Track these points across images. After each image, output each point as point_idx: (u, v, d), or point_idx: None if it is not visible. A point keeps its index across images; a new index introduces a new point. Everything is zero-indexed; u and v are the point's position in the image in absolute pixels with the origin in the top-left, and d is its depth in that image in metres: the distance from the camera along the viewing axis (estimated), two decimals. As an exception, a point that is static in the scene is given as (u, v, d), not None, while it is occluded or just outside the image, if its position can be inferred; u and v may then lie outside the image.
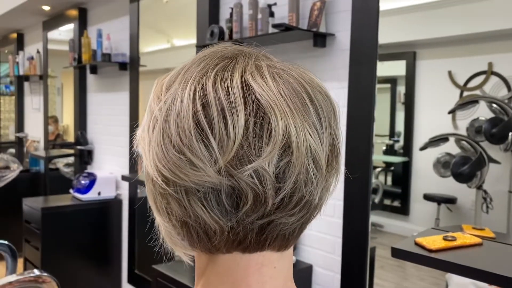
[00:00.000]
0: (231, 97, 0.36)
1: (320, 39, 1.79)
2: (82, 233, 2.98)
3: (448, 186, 1.70)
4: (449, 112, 1.64)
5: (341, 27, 1.77)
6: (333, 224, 1.81)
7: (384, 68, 1.85)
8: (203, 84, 0.37)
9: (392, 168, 1.99)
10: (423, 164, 1.80)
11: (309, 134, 0.37)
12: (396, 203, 1.97)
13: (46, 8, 3.82)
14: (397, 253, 1.28)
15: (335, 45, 1.79)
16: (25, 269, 3.11)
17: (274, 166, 0.36)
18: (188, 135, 0.36)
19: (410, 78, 1.84)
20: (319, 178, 0.38)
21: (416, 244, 1.29)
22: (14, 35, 4.98)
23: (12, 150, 5.10)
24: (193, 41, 2.92)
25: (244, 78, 0.37)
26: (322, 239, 1.86)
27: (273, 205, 0.37)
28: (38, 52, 4.30)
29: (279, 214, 0.38)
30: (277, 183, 0.36)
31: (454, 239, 1.25)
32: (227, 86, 0.37)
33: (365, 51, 1.62)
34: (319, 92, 0.40)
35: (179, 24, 3.00)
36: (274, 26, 1.72)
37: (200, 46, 2.23)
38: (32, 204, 3.00)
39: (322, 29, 1.77)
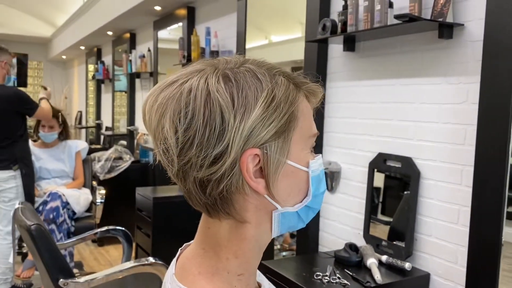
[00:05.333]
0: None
1: (447, 30, 1.64)
2: (190, 223, 3.09)
3: None
4: None
5: (472, 16, 1.61)
6: (456, 231, 1.66)
7: None
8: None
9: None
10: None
11: (167, 125, 0.50)
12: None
13: (158, 8, 4.04)
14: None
15: (464, 36, 1.63)
16: (136, 254, 3.33)
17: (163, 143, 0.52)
18: None
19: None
20: (169, 157, 0.51)
21: None
22: (127, 35, 5.36)
23: (124, 142, 5.50)
24: (290, 36, 2.88)
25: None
26: (442, 246, 1.72)
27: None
28: (149, 50, 4.58)
29: (175, 179, 0.54)
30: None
31: None
32: None
33: (503, 42, 1.45)
34: (201, 101, 0.50)
35: (277, 20, 2.99)
36: (397, 17, 1.61)
37: (310, 41, 2.18)
38: (144, 193, 3.19)
39: (449, 19, 1.63)
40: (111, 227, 2.63)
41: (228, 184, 0.51)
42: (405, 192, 1.87)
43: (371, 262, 1.74)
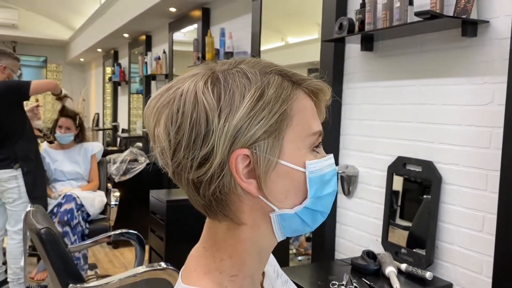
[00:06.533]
0: None
1: (471, 28, 1.56)
2: (203, 226, 3.05)
3: None
4: None
5: (498, 12, 1.52)
6: (481, 240, 1.57)
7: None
8: None
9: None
10: None
11: (162, 129, 0.52)
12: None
13: (173, 10, 4.02)
14: None
15: (489, 33, 1.55)
16: (150, 257, 3.30)
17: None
18: None
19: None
20: (165, 159, 0.53)
21: None
22: (143, 37, 5.36)
23: (140, 144, 5.50)
24: (307, 38, 2.82)
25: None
26: (466, 255, 1.63)
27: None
28: (164, 52, 4.56)
29: (174, 181, 0.56)
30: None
31: None
32: None
33: (532, 39, 1.36)
34: (190, 104, 0.51)
35: (293, 22, 2.94)
36: (418, 14, 1.54)
37: (326, 41, 2.11)
38: (158, 196, 3.16)
39: (473, 16, 1.55)
40: (124, 230, 2.61)
41: (220, 185, 0.52)
42: (425, 196, 1.79)
43: (390, 270, 1.67)
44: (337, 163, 2.23)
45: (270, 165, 0.52)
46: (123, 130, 6.38)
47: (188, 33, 4.25)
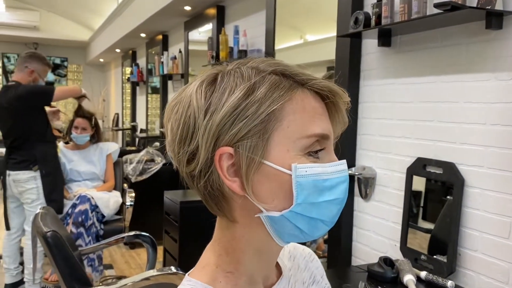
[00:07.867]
0: None
1: (496, 19, 1.45)
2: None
3: None
4: None
5: (525, 2, 1.41)
6: (508, 247, 1.46)
7: None
8: None
9: None
10: None
11: (171, 122, 0.55)
12: None
13: (188, 8, 3.98)
14: None
15: (516, 25, 1.44)
16: (164, 258, 3.26)
17: None
18: None
19: None
20: (169, 151, 0.57)
21: None
22: (160, 37, 5.35)
23: (157, 144, 5.49)
24: (326, 35, 2.73)
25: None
26: (490, 264, 1.52)
27: None
28: (180, 51, 4.53)
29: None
30: None
31: None
32: None
33: None
34: (186, 104, 0.53)
35: (312, 19, 2.85)
36: (437, 6, 1.44)
37: (342, 36, 2.02)
38: (172, 197, 3.12)
39: (498, 7, 1.44)
40: (137, 232, 2.58)
41: (210, 181, 0.53)
42: (448, 197, 1.69)
43: (408, 278, 1.57)
44: (354, 164, 2.14)
45: (252, 165, 0.51)
46: (142, 130, 6.39)
47: (203, 32, 4.20)
